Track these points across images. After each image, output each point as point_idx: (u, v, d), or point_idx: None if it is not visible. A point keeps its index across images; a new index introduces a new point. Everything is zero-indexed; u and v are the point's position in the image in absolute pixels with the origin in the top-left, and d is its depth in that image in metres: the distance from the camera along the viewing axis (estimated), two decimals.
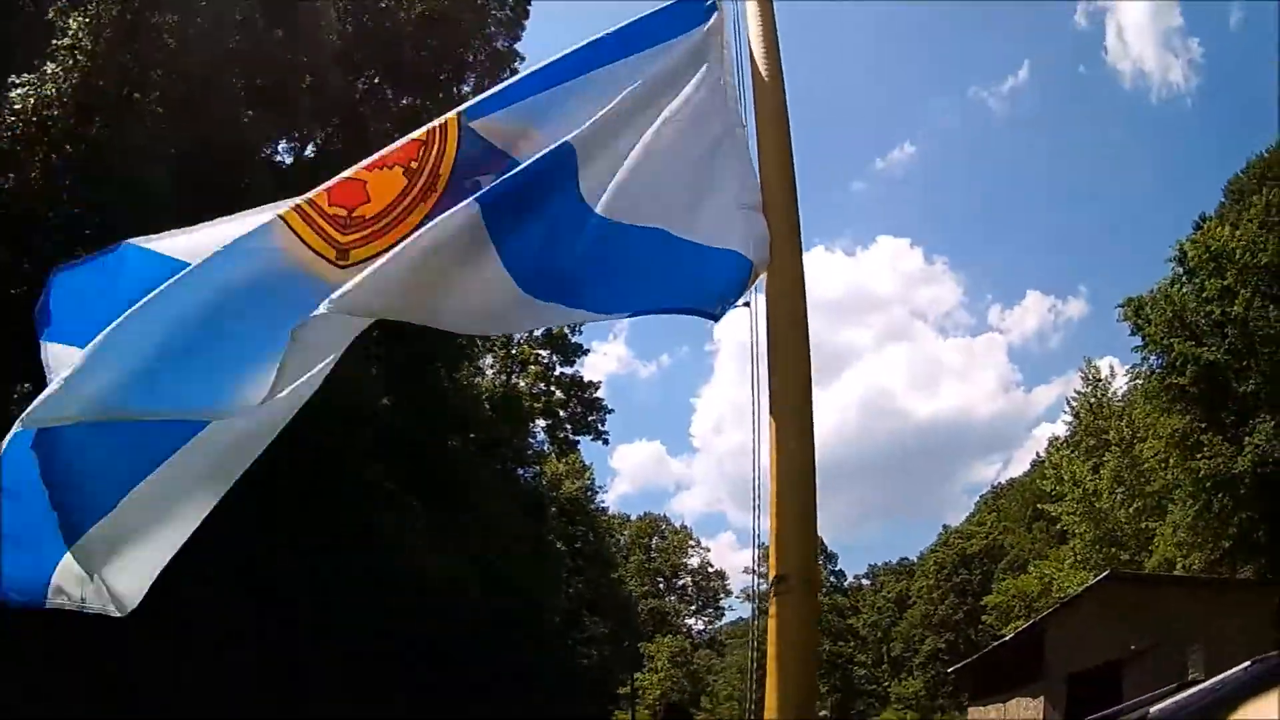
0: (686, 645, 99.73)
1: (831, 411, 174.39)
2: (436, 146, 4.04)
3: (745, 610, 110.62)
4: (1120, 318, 45.58)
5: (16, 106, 22.56)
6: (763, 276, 3.87)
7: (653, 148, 4.10)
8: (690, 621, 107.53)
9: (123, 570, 3.79)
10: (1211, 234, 42.22)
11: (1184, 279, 43.60)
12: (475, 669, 35.88)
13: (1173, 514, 44.05)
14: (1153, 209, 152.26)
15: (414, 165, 3.96)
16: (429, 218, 3.74)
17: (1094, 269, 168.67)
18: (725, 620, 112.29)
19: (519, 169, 3.90)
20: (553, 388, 62.03)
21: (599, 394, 63.50)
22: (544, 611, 47.90)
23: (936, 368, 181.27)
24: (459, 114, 4.16)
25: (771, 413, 3.65)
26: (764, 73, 4.27)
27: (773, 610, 3.34)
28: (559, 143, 3.94)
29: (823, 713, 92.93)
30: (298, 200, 3.82)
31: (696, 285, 3.92)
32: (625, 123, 4.15)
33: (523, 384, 59.86)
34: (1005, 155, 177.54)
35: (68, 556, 3.68)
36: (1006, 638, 48.71)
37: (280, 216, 3.73)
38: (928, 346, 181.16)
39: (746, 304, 3.95)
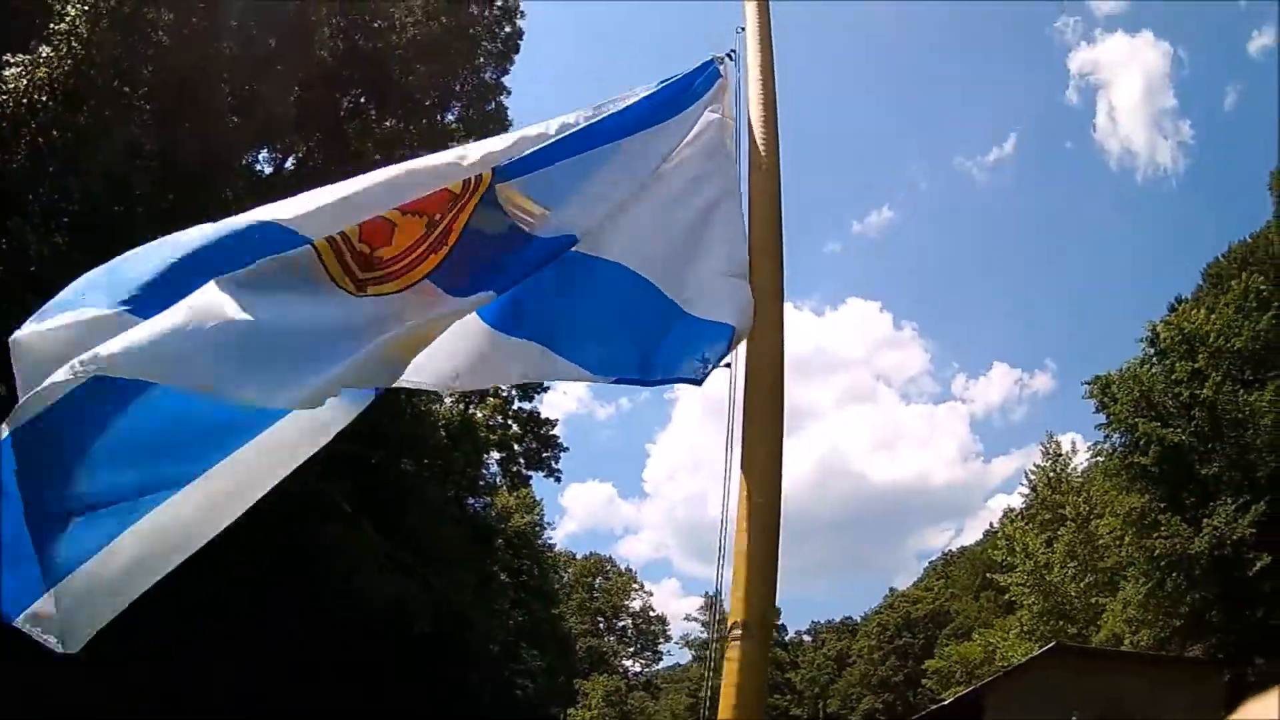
0: (622, 685, 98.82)
1: (787, 467, 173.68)
2: (462, 202, 4.05)
3: (683, 656, 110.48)
4: (1086, 395, 45.76)
5: (9, 86, 22.33)
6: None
7: (652, 202, 4.42)
8: (628, 663, 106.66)
9: (92, 606, 3.58)
10: (1186, 316, 42.48)
11: (1154, 360, 43.75)
12: (413, 689, 35.67)
13: (1124, 590, 43.96)
14: (1127, 289, 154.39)
15: (437, 217, 3.97)
16: (436, 270, 3.89)
17: (1063, 345, 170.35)
18: (662, 664, 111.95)
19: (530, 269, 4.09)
20: (510, 421, 61.40)
21: (555, 431, 62.87)
22: (484, 640, 47.34)
23: (896, 433, 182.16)
24: (493, 171, 4.16)
25: (743, 468, 3.82)
26: (760, 145, 4.48)
27: (730, 655, 3.54)
28: (564, 233, 4.15)
29: None
30: (331, 232, 3.78)
31: (684, 355, 4.14)
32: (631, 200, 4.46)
33: (480, 415, 59.22)
34: (984, 226, 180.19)
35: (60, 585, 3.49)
36: (946, 702, 48.36)
37: (314, 245, 3.68)
38: (890, 411, 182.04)
39: (727, 365, 4.14)
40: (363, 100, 38.38)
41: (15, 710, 19.07)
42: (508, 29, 41.70)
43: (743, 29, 4.88)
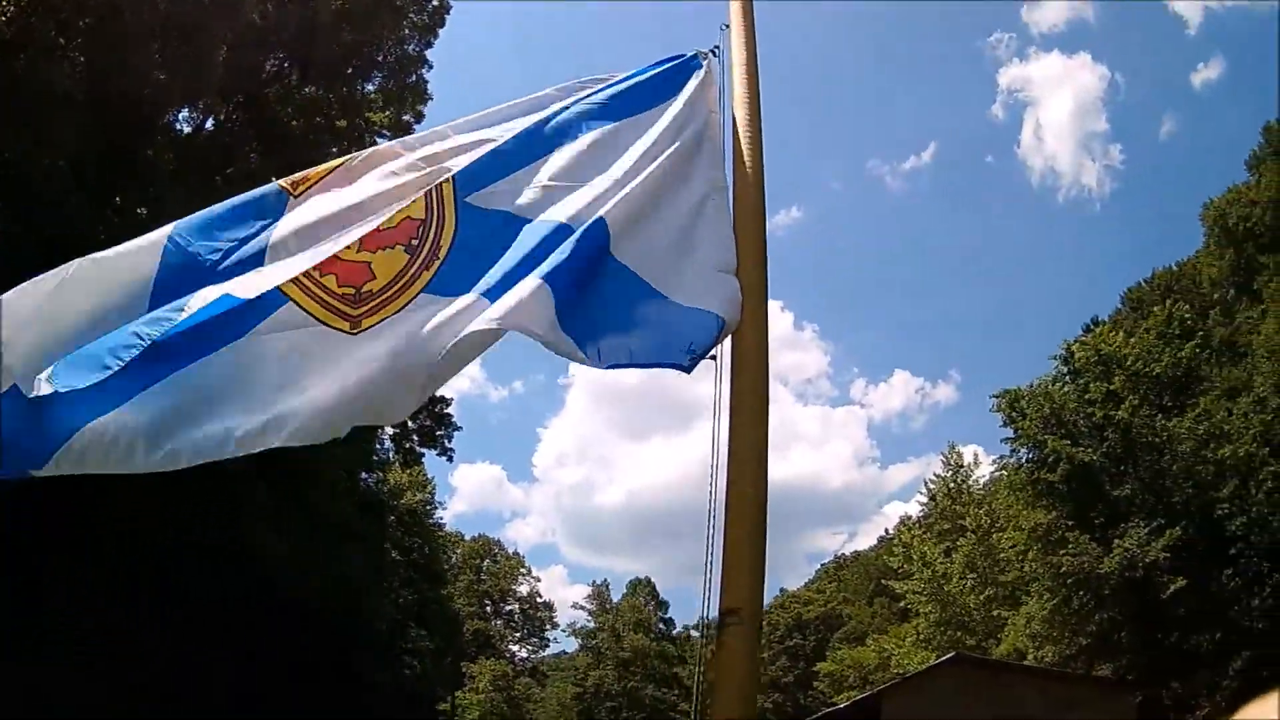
0: (509, 670, 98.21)
1: (677, 461, 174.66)
2: (435, 223, 4.36)
3: (570, 644, 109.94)
4: (994, 408, 45.75)
5: None
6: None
7: (639, 192, 4.47)
8: (515, 648, 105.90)
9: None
10: (1104, 338, 42.61)
11: (1067, 378, 43.77)
12: (303, 660, 35.13)
13: (1027, 605, 44.04)
14: (1040, 307, 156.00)
15: (414, 242, 4.29)
16: (431, 284, 4.17)
17: (968, 357, 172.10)
18: (549, 651, 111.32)
19: (572, 245, 4.21)
20: None
21: (450, 410, 61.79)
22: (374, 617, 46.55)
23: (790, 433, 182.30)
24: (451, 186, 4.46)
25: (730, 460, 3.92)
26: (745, 144, 4.55)
27: (723, 640, 3.62)
28: (595, 218, 4.32)
29: None
30: (296, 274, 4.09)
31: (672, 343, 4.21)
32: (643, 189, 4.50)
33: None
34: (894, 233, 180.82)
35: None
36: (840, 705, 48.12)
37: (284, 293, 4.02)
38: (784, 410, 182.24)
39: (713, 356, 4.24)
40: (285, 65, 37.89)
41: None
42: (434, 2, 41.23)
43: (726, 26, 4.96)
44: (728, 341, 4.24)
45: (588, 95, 4.99)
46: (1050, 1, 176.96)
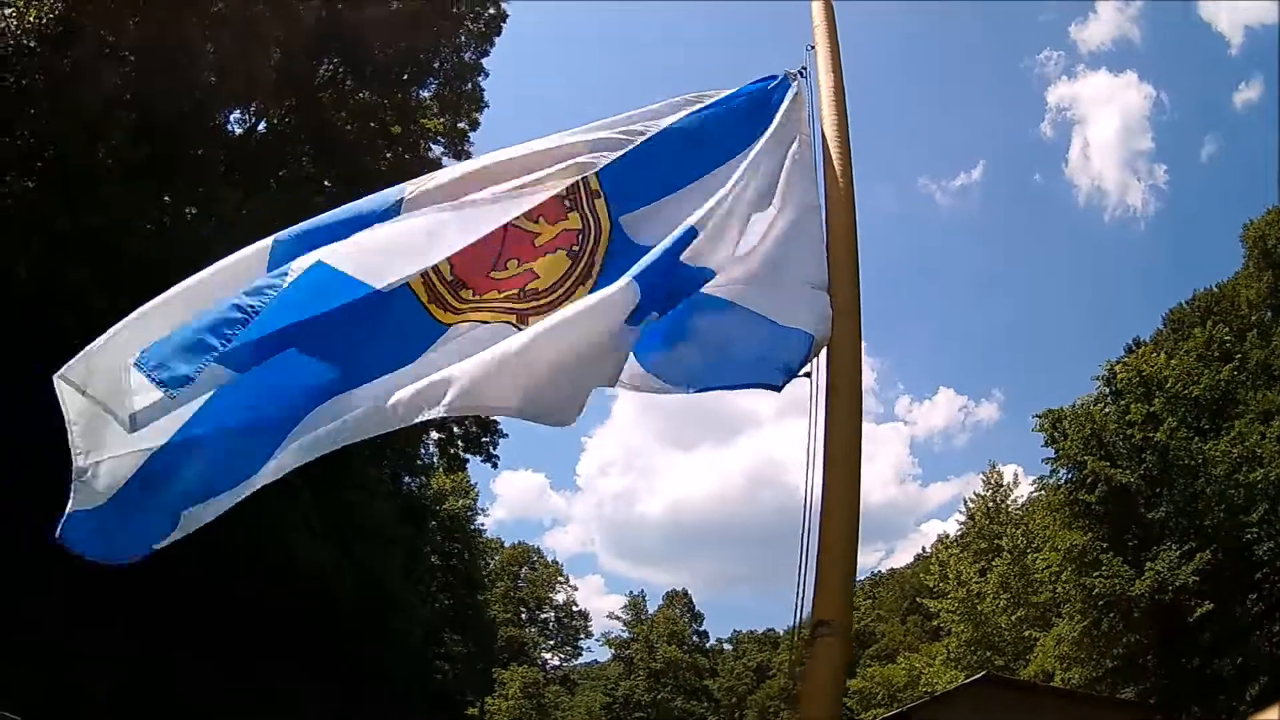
0: (540, 678, 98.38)
1: (721, 473, 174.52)
2: (593, 235, 4.48)
3: (603, 654, 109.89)
4: (1035, 428, 45.46)
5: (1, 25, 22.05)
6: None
7: (741, 220, 4.51)
8: (547, 655, 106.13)
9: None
10: (1145, 359, 42.46)
11: (1109, 399, 43.61)
12: (334, 663, 35.34)
13: (1058, 627, 43.86)
14: (1084, 327, 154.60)
15: (575, 249, 4.43)
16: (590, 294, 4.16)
17: (1012, 376, 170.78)
18: (581, 660, 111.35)
19: (662, 253, 4.17)
20: None
21: (497, 417, 62.13)
22: (408, 620, 46.82)
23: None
24: (602, 198, 4.53)
25: (825, 474, 3.98)
26: (836, 163, 4.63)
27: (816, 652, 3.64)
28: (685, 227, 4.26)
29: None
30: (448, 296, 4.27)
31: (767, 363, 4.33)
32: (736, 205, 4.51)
33: None
34: (943, 250, 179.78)
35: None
36: None
37: (440, 320, 4.27)
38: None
39: (808, 374, 4.30)
40: (340, 70, 37.80)
41: None
42: (491, 10, 41.17)
43: (812, 47, 5.04)
44: (823, 356, 4.29)
45: (696, 114, 4.98)
46: (1097, 19, 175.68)
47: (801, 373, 4.32)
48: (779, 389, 4.31)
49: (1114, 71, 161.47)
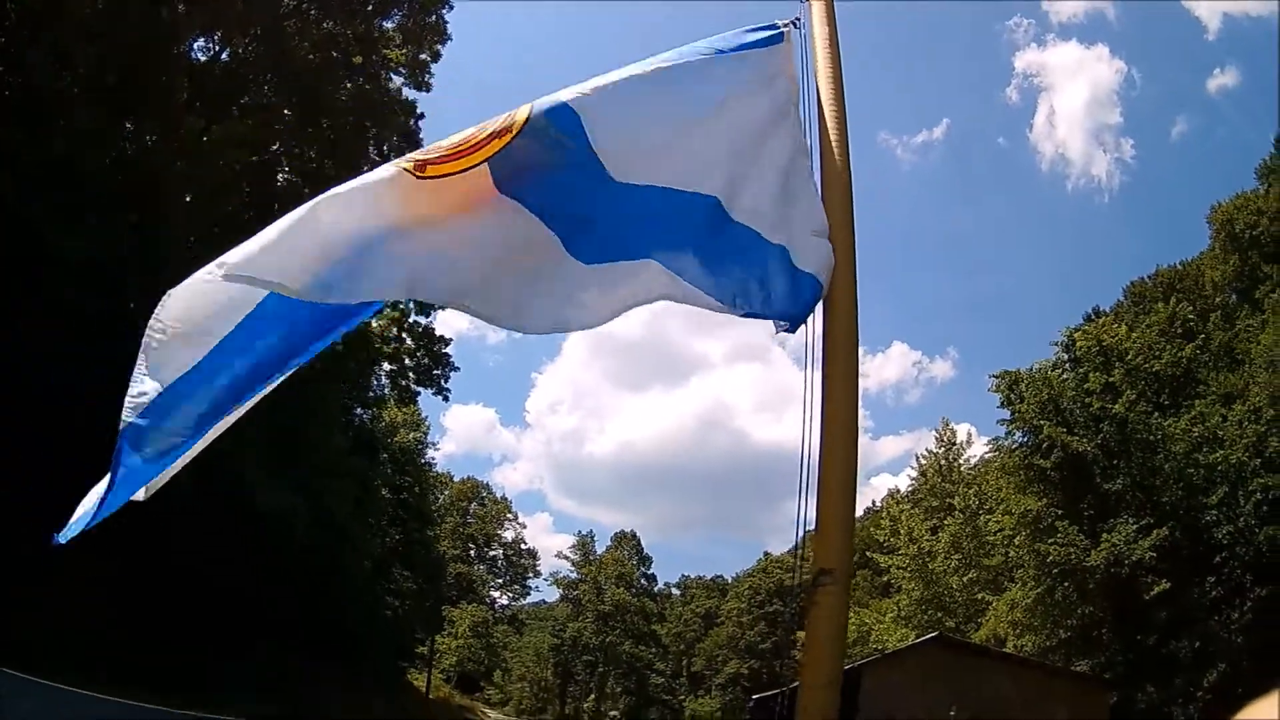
0: (488, 616, 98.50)
1: (671, 415, 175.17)
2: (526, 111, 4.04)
3: (550, 594, 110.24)
4: (992, 388, 45.76)
5: None
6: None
7: (728, 139, 4.36)
8: (495, 594, 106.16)
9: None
10: (1106, 329, 42.50)
11: (1067, 366, 43.74)
12: (284, 599, 35.18)
13: (1011, 592, 44.18)
14: (1042, 292, 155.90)
15: (504, 118, 4.00)
16: (495, 156, 3.88)
17: (967, 335, 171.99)
18: (529, 600, 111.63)
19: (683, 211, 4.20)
20: (404, 335, 60.29)
21: (448, 350, 61.81)
22: (360, 555, 46.72)
23: (785, 396, 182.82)
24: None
25: (823, 426, 3.89)
26: (830, 115, 4.52)
27: (817, 600, 3.63)
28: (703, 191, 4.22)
29: (613, 713, 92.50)
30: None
31: (790, 299, 4.14)
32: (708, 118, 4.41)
33: (376, 324, 58.12)
34: (901, 206, 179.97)
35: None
36: (779, 692, 48.19)
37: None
38: (781, 372, 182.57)
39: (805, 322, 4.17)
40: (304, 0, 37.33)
41: None
42: None
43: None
44: (818, 307, 4.21)
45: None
46: None
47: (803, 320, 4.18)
48: (792, 331, 4.17)
49: (1085, 44, 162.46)
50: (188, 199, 32.39)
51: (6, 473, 22.02)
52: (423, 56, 41.42)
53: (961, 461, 64.15)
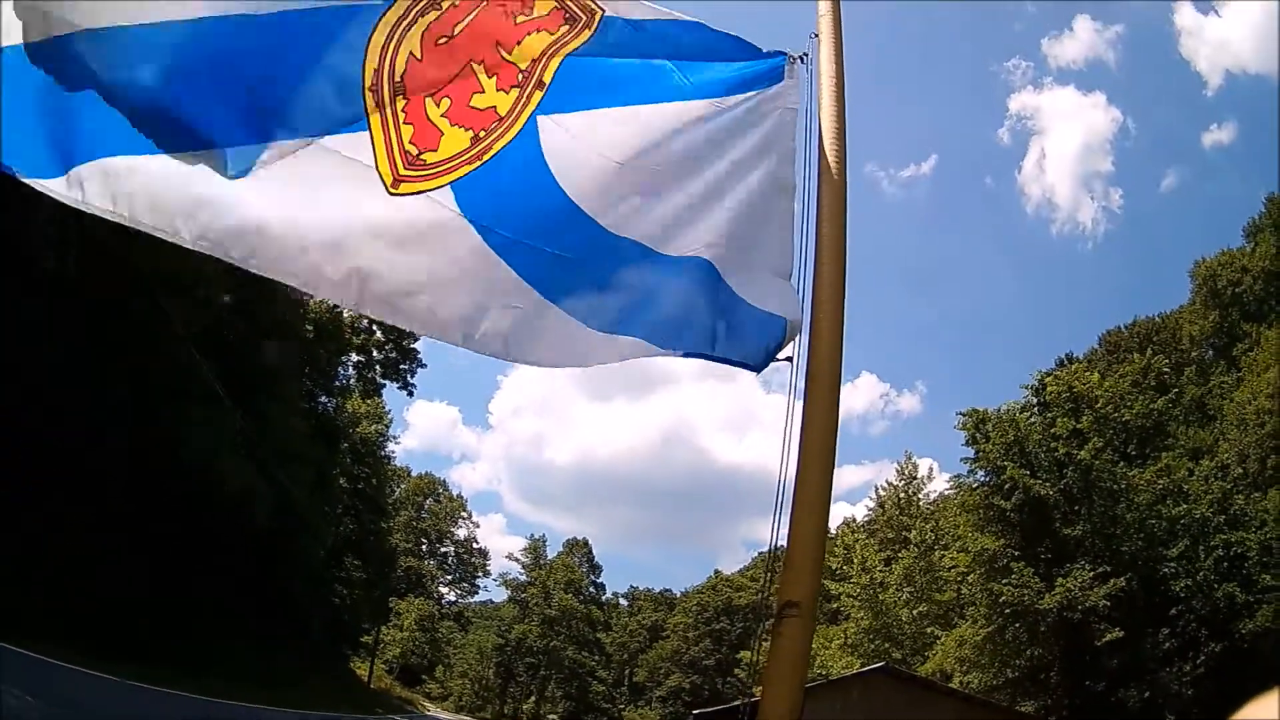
0: (435, 611, 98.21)
1: (634, 428, 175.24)
2: (508, 123, 4.13)
3: (498, 594, 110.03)
4: (959, 425, 45.68)
5: None
6: (804, 329, 4.15)
7: (710, 191, 4.33)
8: (444, 589, 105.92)
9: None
10: (1078, 376, 42.68)
11: (1035, 409, 43.81)
12: (237, 573, 35.09)
13: (961, 628, 44.23)
14: (1016, 335, 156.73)
15: (481, 134, 4.07)
16: (458, 184, 3.94)
17: (937, 371, 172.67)
18: (477, 598, 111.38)
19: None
20: (374, 327, 60.23)
21: (416, 345, 61.78)
22: (315, 542, 46.48)
23: (750, 417, 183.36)
24: (539, 101, 4.23)
25: (800, 459, 3.88)
26: (831, 152, 4.48)
27: (781, 630, 3.62)
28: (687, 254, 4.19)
29: (551, 716, 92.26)
30: (389, 106, 3.98)
31: (745, 340, 4.15)
32: (689, 170, 4.33)
33: (347, 314, 57.97)
34: (882, 238, 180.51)
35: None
36: (758, 698, 48.17)
37: (368, 118, 3.93)
38: (748, 394, 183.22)
39: (789, 358, 4.17)
40: None
41: None
42: None
43: (816, 35, 4.83)
44: (803, 341, 4.20)
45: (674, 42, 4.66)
46: (1072, 36, 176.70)
47: (781, 356, 4.21)
48: (758, 370, 4.23)
49: (1082, 90, 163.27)
50: None
51: None
52: None
53: (921, 496, 64.42)
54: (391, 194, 3.85)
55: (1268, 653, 32.66)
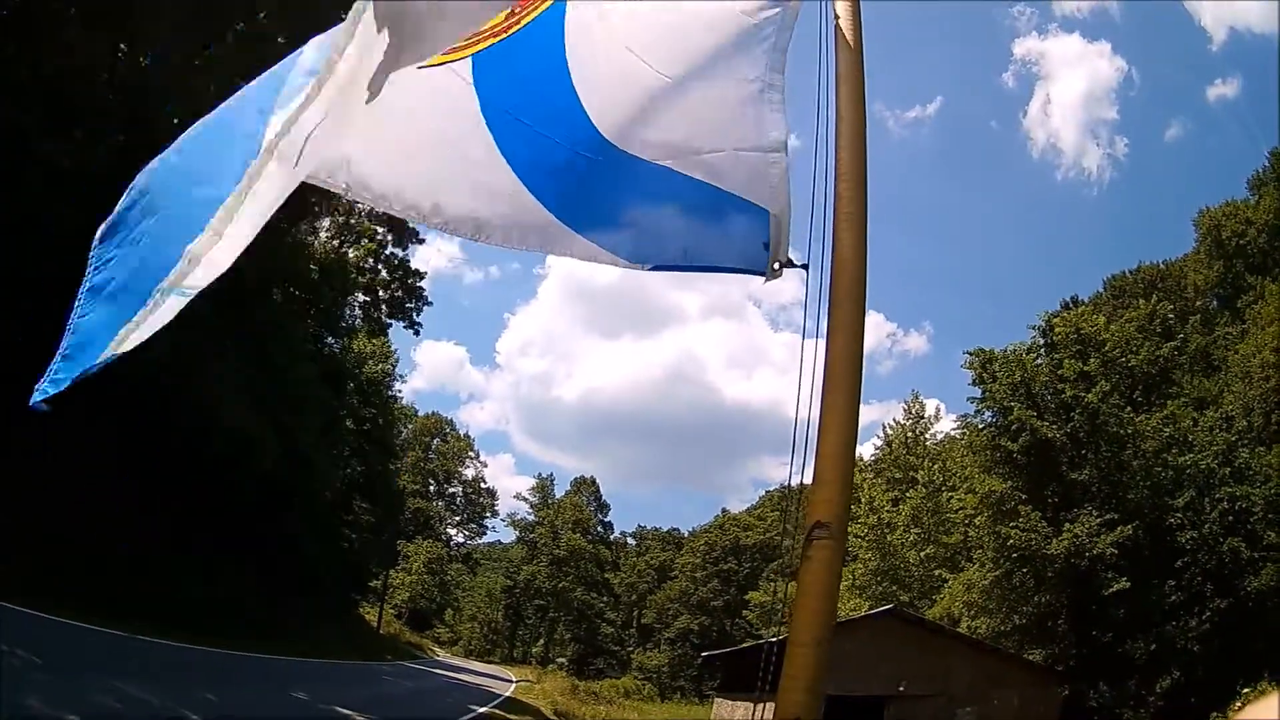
0: (444, 554, 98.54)
1: (641, 365, 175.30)
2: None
3: (507, 535, 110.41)
4: (965, 364, 45.40)
5: None
6: (828, 247, 3.85)
7: (688, 88, 4.06)
8: (452, 531, 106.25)
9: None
10: (1085, 319, 42.37)
11: (1042, 350, 43.58)
12: (243, 523, 34.90)
13: (968, 572, 44.28)
14: (1022, 277, 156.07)
15: (516, 9, 3.79)
16: (492, 48, 3.77)
17: (944, 312, 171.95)
18: (485, 539, 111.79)
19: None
20: (380, 266, 60.01)
21: (422, 284, 61.57)
22: (323, 485, 46.53)
23: (757, 355, 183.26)
24: None
25: (825, 377, 3.70)
26: (847, 35, 4.12)
27: (810, 553, 3.40)
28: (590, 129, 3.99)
29: (560, 659, 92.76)
30: None
31: (738, 241, 3.97)
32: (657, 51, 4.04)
33: (353, 254, 57.77)
34: (889, 179, 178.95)
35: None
36: (771, 638, 48.32)
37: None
38: (756, 332, 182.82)
39: (805, 265, 3.97)
40: None
41: None
42: None
43: None
44: (828, 261, 3.91)
45: None
46: None
47: (800, 264, 4.00)
48: (768, 278, 4.01)
49: (1087, 38, 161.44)
50: (175, 122, 31.90)
51: None
52: None
53: (928, 436, 64.40)
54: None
55: (1273, 612, 32.77)
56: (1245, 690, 29.15)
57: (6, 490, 21.64)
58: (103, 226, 3.35)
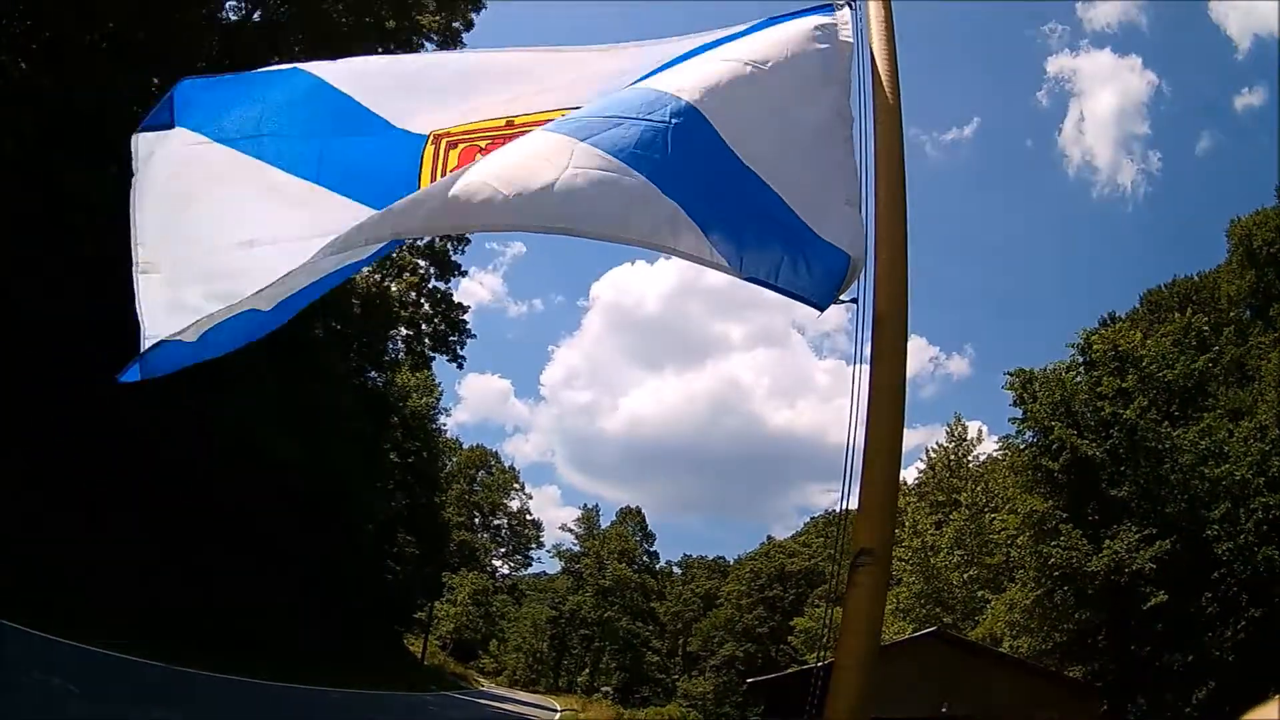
0: (489, 585, 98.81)
1: (685, 396, 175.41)
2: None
3: (552, 566, 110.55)
4: (1006, 385, 45.17)
5: None
6: (867, 269, 4.06)
7: (765, 106, 4.26)
8: (497, 563, 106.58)
9: None
10: (1122, 335, 42.28)
11: (1081, 368, 43.45)
12: (287, 554, 35.27)
13: (1010, 592, 44.06)
14: (1060, 295, 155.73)
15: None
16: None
17: (985, 334, 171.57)
18: (530, 570, 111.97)
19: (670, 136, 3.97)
20: (422, 300, 60.36)
21: (465, 317, 61.93)
22: (364, 516, 46.89)
23: (801, 383, 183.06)
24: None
25: (870, 404, 3.88)
26: (883, 74, 4.45)
27: (856, 580, 3.61)
28: (681, 104, 4.06)
29: (605, 688, 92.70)
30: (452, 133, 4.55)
31: (813, 275, 3.98)
32: (748, 83, 4.27)
33: (395, 288, 58.17)
34: (928, 202, 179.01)
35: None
36: (814, 664, 48.18)
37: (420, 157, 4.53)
38: (799, 360, 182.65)
39: (854, 300, 4.06)
40: None
41: None
42: None
43: None
44: (869, 286, 4.15)
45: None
46: (1105, 1, 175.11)
47: (846, 297, 4.07)
48: (821, 309, 4.05)
49: (1118, 53, 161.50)
50: None
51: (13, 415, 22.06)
52: (455, 24, 41.11)
53: (970, 458, 64.21)
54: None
55: None
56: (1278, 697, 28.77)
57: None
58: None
